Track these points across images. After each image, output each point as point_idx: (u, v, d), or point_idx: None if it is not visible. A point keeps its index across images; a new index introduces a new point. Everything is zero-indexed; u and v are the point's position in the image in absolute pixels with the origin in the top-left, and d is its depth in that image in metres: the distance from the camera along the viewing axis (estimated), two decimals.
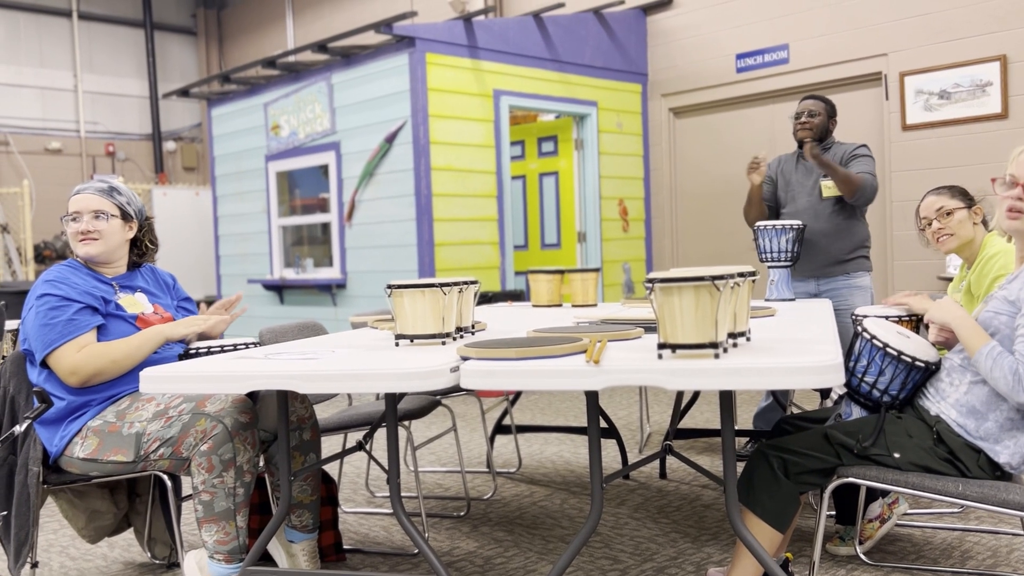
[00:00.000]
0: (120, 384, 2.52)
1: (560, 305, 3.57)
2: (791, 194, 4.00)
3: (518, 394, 4.26)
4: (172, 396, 2.45)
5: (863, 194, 3.80)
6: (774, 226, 3.56)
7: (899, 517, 2.87)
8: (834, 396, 2.48)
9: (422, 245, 6.26)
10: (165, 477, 2.45)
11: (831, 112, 3.96)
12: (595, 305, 3.50)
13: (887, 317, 2.64)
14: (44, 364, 2.49)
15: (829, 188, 3.87)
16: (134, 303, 2.64)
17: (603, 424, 4.38)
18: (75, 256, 2.68)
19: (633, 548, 2.98)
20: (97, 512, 2.82)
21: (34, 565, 2.57)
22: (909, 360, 2.29)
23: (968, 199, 2.91)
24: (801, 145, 3.97)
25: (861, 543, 2.81)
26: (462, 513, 3.46)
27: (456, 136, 6.41)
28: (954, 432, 2.20)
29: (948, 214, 2.89)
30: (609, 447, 4.49)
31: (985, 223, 2.91)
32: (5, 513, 2.49)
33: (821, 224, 3.87)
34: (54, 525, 3.52)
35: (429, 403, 3.32)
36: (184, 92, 7.98)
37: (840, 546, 2.82)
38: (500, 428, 4.14)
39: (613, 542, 3.05)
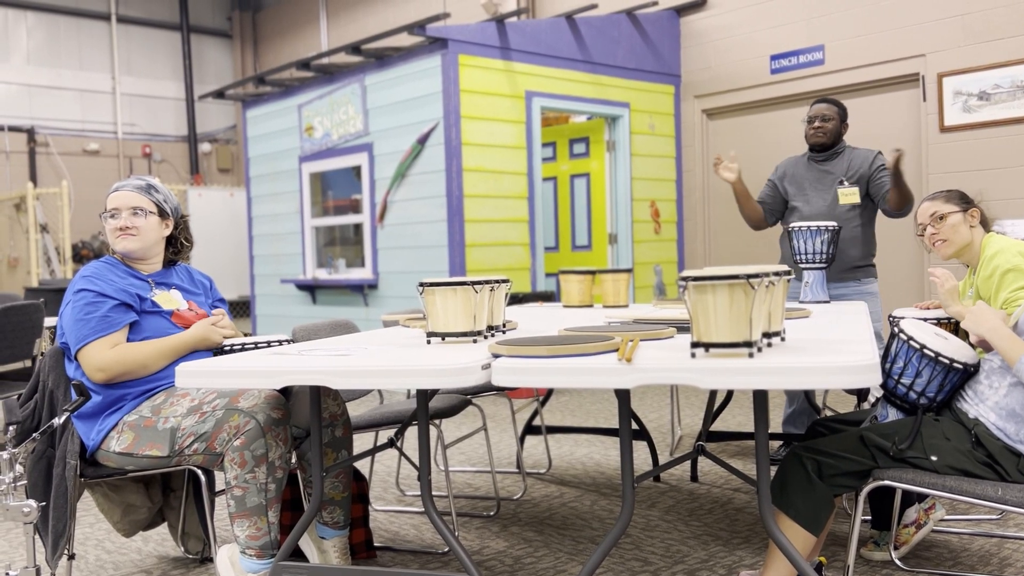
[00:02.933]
0: (156, 379, 2.55)
1: (591, 306, 3.56)
2: (804, 197, 3.99)
3: (548, 394, 4.26)
4: (206, 391, 2.48)
5: (911, 208, 3.80)
6: (808, 227, 3.53)
7: (936, 523, 2.83)
8: (871, 398, 2.45)
9: (453, 246, 6.27)
10: (199, 472, 2.47)
11: (843, 116, 3.99)
12: (626, 306, 3.48)
13: (924, 319, 2.60)
14: (76, 357, 2.53)
15: (846, 195, 3.87)
16: (169, 299, 2.68)
17: (634, 426, 4.35)
18: (112, 253, 2.72)
19: (664, 550, 2.96)
20: (132, 506, 2.86)
21: (71, 557, 2.61)
22: (947, 362, 2.25)
23: (965, 202, 2.86)
24: (813, 149, 3.98)
25: (896, 548, 2.77)
26: (492, 513, 3.46)
27: (488, 137, 6.42)
28: (993, 435, 2.16)
29: (941, 218, 2.84)
30: (640, 450, 4.47)
31: (984, 224, 2.86)
32: (43, 504, 2.53)
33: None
34: (90, 519, 3.57)
35: (460, 402, 3.33)
36: (219, 94, 8.08)
37: (875, 551, 2.78)
38: (530, 428, 4.14)
39: (643, 544, 3.03)
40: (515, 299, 6.11)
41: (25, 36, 10.51)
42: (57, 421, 2.25)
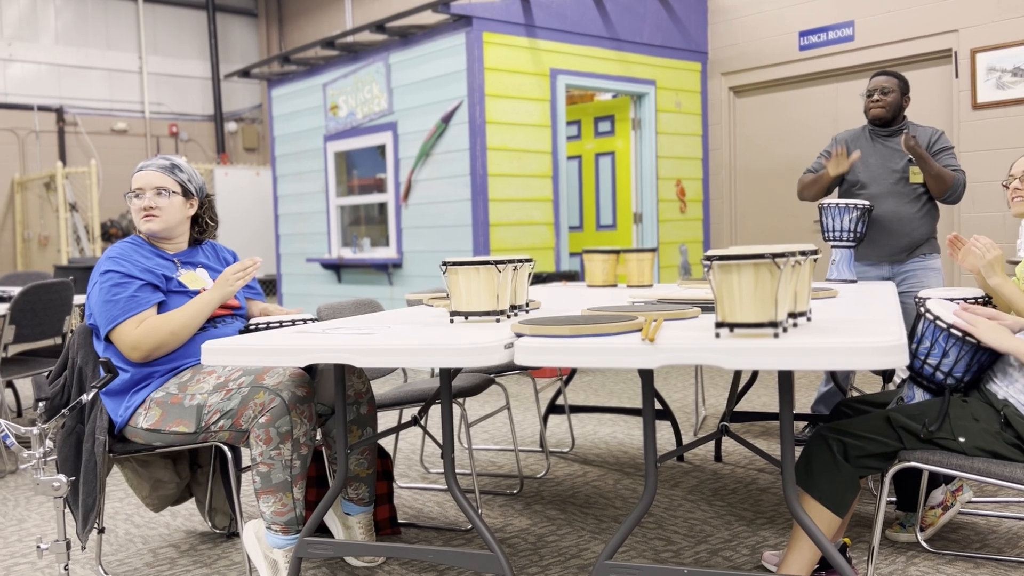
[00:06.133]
0: (182, 356, 2.58)
1: (615, 285, 3.55)
2: (870, 175, 3.82)
3: (572, 374, 4.26)
4: (232, 369, 2.50)
5: (954, 193, 3.67)
6: (838, 204, 3.47)
7: (963, 505, 2.80)
8: (897, 379, 2.42)
9: (477, 225, 6.27)
10: (225, 448, 2.50)
11: (904, 89, 3.83)
12: (651, 286, 3.46)
13: (951, 299, 2.57)
14: (108, 339, 2.55)
15: (917, 174, 3.74)
16: (195, 279, 2.69)
17: (658, 406, 4.35)
18: (138, 232, 2.73)
19: (687, 530, 2.96)
20: (160, 481, 2.90)
21: (101, 531, 2.65)
22: (974, 341, 2.22)
23: None
24: (874, 123, 3.86)
25: (922, 530, 2.75)
26: (515, 491, 3.48)
27: (512, 116, 6.39)
28: (1022, 416, 2.13)
29: None
30: (664, 430, 4.46)
31: None
32: (73, 479, 2.57)
33: (905, 210, 3.74)
34: (119, 494, 3.62)
35: (483, 381, 3.33)
36: (245, 73, 8.10)
37: (900, 533, 2.76)
38: (553, 408, 4.14)
39: (667, 523, 3.03)
40: (539, 278, 6.10)
41: (53, 16, 10.59)
42: (86, 398, 2.28)
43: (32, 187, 10.23)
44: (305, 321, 2.57)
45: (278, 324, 2.57)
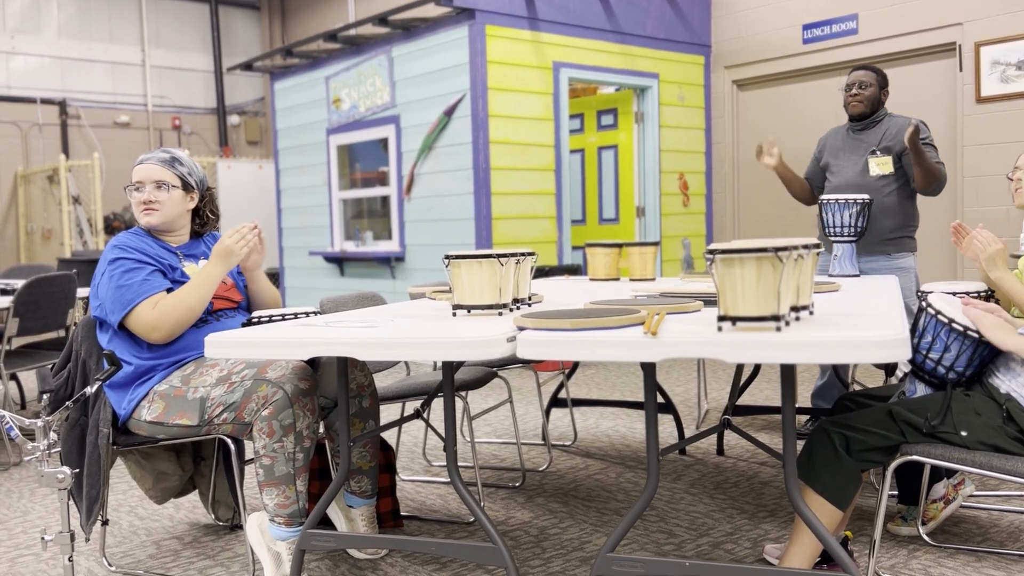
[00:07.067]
0: (185, 349, 2.58)
1: (618, 279, 3.55)
2: (837, 166, 3.93)
3: (574, 367, 4.26)
4: (235, 362, 2.51)
5: (939, 186, 3.72)
6: (837, 200, 3.48)
7: (965, 498, 2.81)
8: (899, 373, 2.43)
9: (480, 219, 6.27)
10: (228, 441, 2.51)
11: (882, 83, 3.89)
12: (653, 279, 3.46)
13: (954, 293, 2.57)
14: (122, 326, 2.55)
15: (878, 165, 3.79)
16: (197, 272, 2.70)
17: (660, 400, 4.35)
18: (140, 225, 2.74)
19: (689, 523, 2.97)
20: (164, 474, 2.91)
21: (104, 523, 2.66)
22: (976, 335, 2.22)
23: None
24: (852, 118, 3.91)
25: (924, 524, 2.75)
26: (517, 484, 3.49)
27: (515, 109, 6.39)
28: None
29: None
30: (666, 423, 4.47)
31: None
32: (77, 471, 2.58)
33: None
34: (123, 486, 3.64)
35: (485, 374, 3.34)
36: (248, 66, 8.09)
37: (902, 526, 2.77)
38: (556, 401, 4.15)
39: (669, 516, 3.04)
40: (541, 272, 6.10)
41: (56, 9, 10.58)
42: (89, 390, 2.29)
43: (35, 180, 10.24)
44: (308, 314, 2.58)
45: (280, 317, 2.58)
